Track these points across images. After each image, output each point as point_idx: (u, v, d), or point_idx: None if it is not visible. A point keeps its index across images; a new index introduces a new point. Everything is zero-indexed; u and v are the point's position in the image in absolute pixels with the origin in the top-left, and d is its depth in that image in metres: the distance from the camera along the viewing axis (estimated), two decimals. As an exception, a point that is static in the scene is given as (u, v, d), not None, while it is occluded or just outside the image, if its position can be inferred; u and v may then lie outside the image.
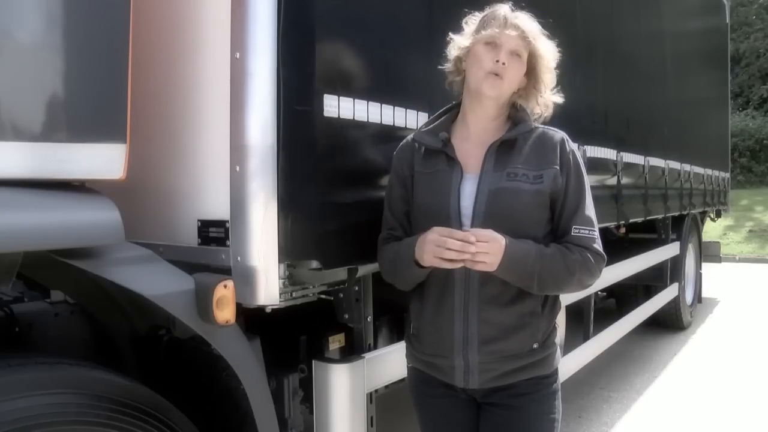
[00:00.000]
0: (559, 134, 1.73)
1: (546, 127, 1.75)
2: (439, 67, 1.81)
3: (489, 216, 1.62)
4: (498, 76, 1.64)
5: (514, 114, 1.74)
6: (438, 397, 1.78)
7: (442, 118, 1.79)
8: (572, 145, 1.73)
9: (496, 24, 1.66)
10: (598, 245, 1.68)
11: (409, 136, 1.83)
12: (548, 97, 1.75)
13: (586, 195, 1.70)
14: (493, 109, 1.72)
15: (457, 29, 1.76)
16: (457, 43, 1.74)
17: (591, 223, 1.68)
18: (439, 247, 1.53)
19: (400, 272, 1.73)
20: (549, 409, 1.70)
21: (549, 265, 1.60)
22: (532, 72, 1.71)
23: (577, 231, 1.66)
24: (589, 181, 1.75)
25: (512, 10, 1.70)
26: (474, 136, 1.73)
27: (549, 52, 1.71)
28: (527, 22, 1.68)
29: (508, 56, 1.64)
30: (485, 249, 1.51)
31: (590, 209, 1.70)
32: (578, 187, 1.69)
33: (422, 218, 1.73)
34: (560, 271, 1.61)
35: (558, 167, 1.66)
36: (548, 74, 1.72)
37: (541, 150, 1.68)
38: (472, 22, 1.74)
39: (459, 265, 1.55)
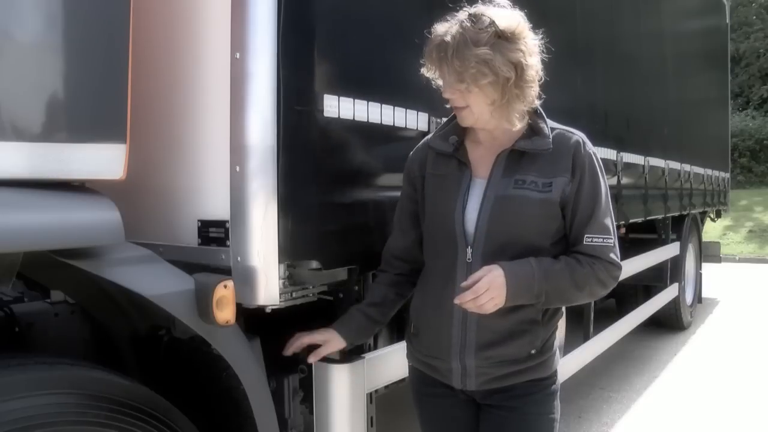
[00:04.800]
0: (575, 137, 1.64)
1: (564, 128, 1.67)
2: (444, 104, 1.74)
3: (492, 223, 1.59)
4: (460, 108, 1.59)
5: (531, 116, 1.65)
6: (438, 397, 1.78)
7: (455, 121, 1.73)
8: (589, 149, 1.64)
9: (430, 61, 1.57)
10: (614, 254, 1.61)
11: (425, 139, 1.81)
12: (529, 92, 1.58)
13: (602, 200, 1.62)
14: (488, 125, 1.63)
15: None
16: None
17: (606, 231, 1.61)
18: None
19: None
20: (548, 409, 1.70)
21: (555, 282, 1.55)
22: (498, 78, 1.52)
23: (589, 240, 1.59)
24: (607, 185, 1.66)
25: (443, 32, 1.53)
26: (485, 141, 1.69)
27: (481, 62, 1.49)
28: (455, 44, 1.49)
29: (451, 89, 1.56)
30: (488, 297, 1.49)
31: (606, 216, 1.62)
32: (593, 192, 1.61)
33: (430, 221, 1.73)
34: (567, 286, 1.57)
35: (569, 175, 1.60)
36: (501, 81, 1.52)
37: (554, 157, 1.61)
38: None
39: None
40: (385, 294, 1.85)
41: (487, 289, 1.49)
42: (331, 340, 1.79)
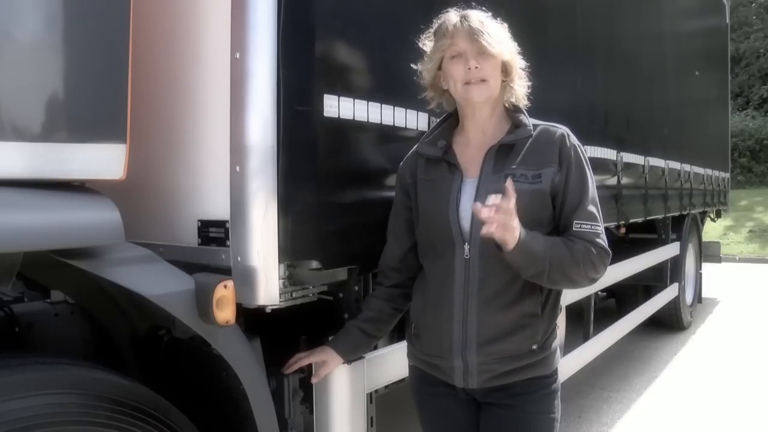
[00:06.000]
0: (560, 130, 1.71)
1: (548, 123, 1.73)
2: (419, 97, 1.80)
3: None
4: (480, 80, 1.63)
5: (512, 114, 1.73)
6: (438, 396, 1.78)
7: (442, 127, 1.80)
8: (574, 140, 1.71)
9: (450, 34, 1.64)
10: (602, 240, 1.66)
11: (413, 149, 1.84)
12: (520, 85, 1.73)
13: (588, 190, 1.68)
14: (486, 109, 1.71)
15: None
16: (425, 69, 1.73)
17: (593, 218, 1.66)
18: None
19: None
20: (548, 408, 1.70)
21: (556, 251, 1.58)
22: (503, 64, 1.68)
23: (578, 226, 1.64)
24: (592, 176, 1.72)
25: (459, 14, 1.67)
26: (474, 140, 1.74)
27: (504, 40, 1.67)
28: (477, 19, 1.65)
29: (476, 58, 1.62)
30: (508, 215, 1.46)
31: (593, 205, 1.67)
32: (579, 182, 1.67)
33: (424, 225, 1.75)
34: (566, 257, 1.59)
35: (557, 165, 1.65)
36: (513, 60, 1.69)
37: (541, 148, 1.67)
38: (429, 41, 1.73)
39: None
40: (380, 309, 1.88)
41: (505, 210, 1.46)
42: (329, 360, 1.85)
